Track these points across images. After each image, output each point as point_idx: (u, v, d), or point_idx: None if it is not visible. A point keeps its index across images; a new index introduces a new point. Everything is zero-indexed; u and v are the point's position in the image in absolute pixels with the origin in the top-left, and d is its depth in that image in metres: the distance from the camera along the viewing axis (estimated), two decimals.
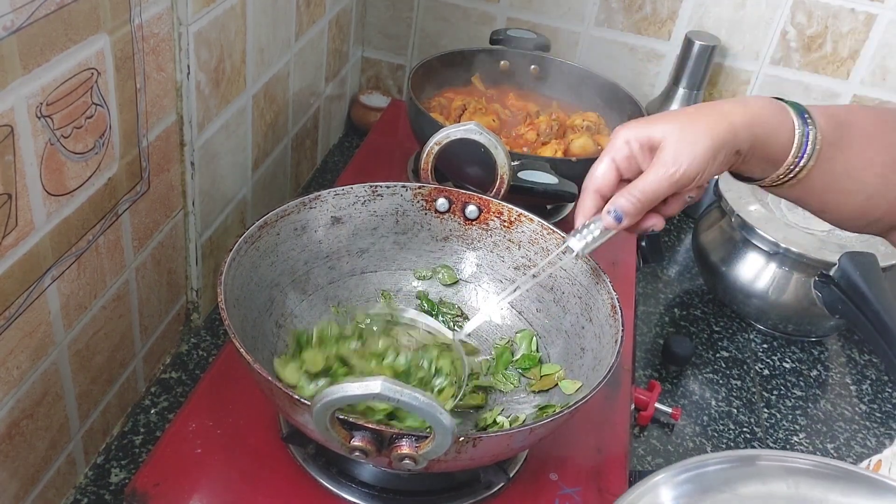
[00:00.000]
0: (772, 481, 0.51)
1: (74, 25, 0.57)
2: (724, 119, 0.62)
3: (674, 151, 0.62)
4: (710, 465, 0.51)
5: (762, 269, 1.05)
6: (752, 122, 0.63)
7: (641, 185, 0.64)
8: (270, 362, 0.74)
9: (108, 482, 0.76)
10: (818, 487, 0.50)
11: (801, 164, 0.64)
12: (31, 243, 0.58)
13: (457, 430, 0.55)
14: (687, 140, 0.62)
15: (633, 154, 0.65)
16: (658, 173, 0.63)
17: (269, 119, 1.00)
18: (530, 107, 1.14)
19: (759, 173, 0.67)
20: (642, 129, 0.64)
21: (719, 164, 0.63)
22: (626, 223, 0.65)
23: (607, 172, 0.66)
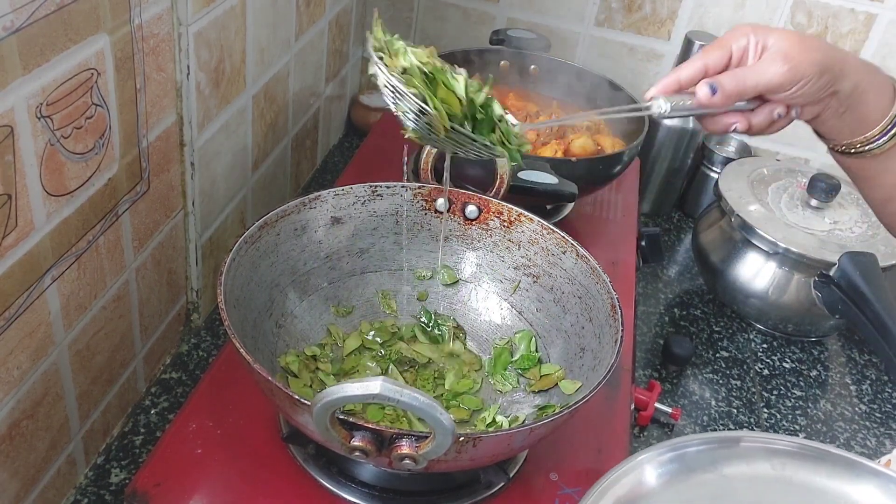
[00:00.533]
0: (756, 462, 0.51)
1: (74, 25, 0.57)
2: (839, 51, 0.64)
3: (786, 50, 0.63)
4: (693, 445, 0.51)
5: (762, 269, 1.05)
6: (860, 68, 0.64)
7: (745, 71, 0.64)
8: (270, 362, 0.74)
9: (109, 482, 0.76)
10: (803, 469, 0.51)
11: (893, 131, 0.64)
12: (31, 243, 0.58)
13: (457, 430, 0.55)
14: (802, 46, 0.63)
15: (747, 47, 0.65)
16: (764, 63, 0.63)
17: (269, 119, 1.00)
18: (530, 107, 1.14)
19: (849, 133, 0.66)
20: (762, 30, 0.65)
21: (821, 85, 0.62)
22: (718, 99, 0.64)
23: (723, 55, 0.65)
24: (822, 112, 0.65)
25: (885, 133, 0.64)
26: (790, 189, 1.11)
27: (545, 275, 0.81)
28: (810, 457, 0.51)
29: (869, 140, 0.65)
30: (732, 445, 0.52)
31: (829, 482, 0.50)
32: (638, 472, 0.49)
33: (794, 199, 1.09)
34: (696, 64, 0.65)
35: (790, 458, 0.51)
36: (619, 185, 1.17)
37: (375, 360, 0.79)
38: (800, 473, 0.51)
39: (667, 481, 0.50)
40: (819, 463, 0.51)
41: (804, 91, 0.62)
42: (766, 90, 0.63)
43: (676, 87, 0.65)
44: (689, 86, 0.65)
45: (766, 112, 0.66)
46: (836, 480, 0.50)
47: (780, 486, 0.50)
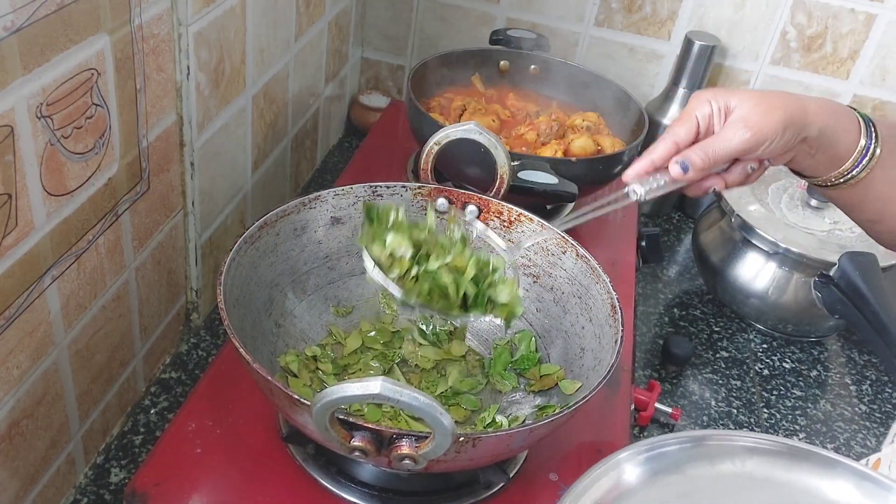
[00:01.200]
0: (720, 461, 0.52)
1: (74, 26, 0.57)
2: (798, 102, 0.66)
3: (747, 115, 0.65)
4: (670, 444, 0.52)
5: (762, 270, 1.05)
6: (823, 112, 0.66)
7: (712, 143, 0.67)
8: (270, 362, 0.74)
9: (108, 482, 0.76)
10: (765, 465, 0.51)
11: (865, 161, 0.67)
12: (31, 243, 0.58)
13: (457, 429, 0.55)
14: (761, 108, 0.65)
15: (711, 114, 0.68)
16: (729, 133, 0.66)
17: (268, 119, 1.00)
18: (530, 107, 1.14)
19: (824, 171, 0.69)
20: (721, 94, 0.68)
21: (786, 140, 0.65)
22: (691, 175, 0.67)
23: (691, 128, 0.68)
24: (796, 157, 0.68)
25: (858, 164, 0.67)
26: (790, 189, 1.11)
27: (545, 275, 0.81)
28: (787, 454, 0.52)
29: (844, 173, 0.68)
30: (707, 444, 0.52)
31: (787, 475, 0.51)
32: (616, 472, 0.50)
33: (794, 199, 1.09)
34: (667, 143, 0.68)
35: (752, 454, 0.52)
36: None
37: (377, 360, 0.79)
38: (761, 468, 0.51)
39: (645, 480, 0.50)
40: (778, 458, 0.52)
41: (771, 149, 0.66)
42: (734, 156, 0.67)
43: (651, 169, 0.69)
44: (663, 164, 0.68)
45: (739, 169, 0.69)
46: (795, 473, 0.51)
47: (756, 484, 0.51)
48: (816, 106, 0.66)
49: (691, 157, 0.66)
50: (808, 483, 0.51)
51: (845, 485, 0.50)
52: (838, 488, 0.50)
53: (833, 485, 0.51)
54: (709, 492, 0.50)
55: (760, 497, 0.50)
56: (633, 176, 0.69)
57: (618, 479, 0.50)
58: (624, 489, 0.49)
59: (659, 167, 0.69)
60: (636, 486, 0.50)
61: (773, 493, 0.50)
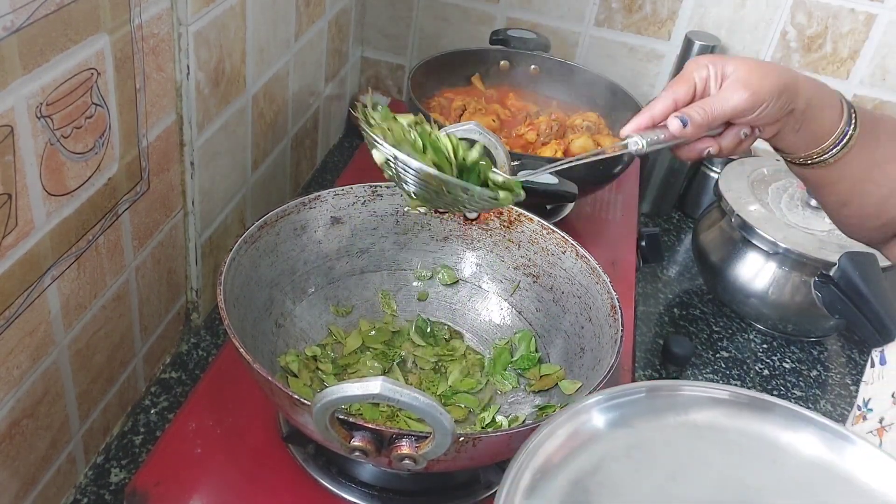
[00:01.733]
0: (669, 413, 0.52)
1: (74, 25, 0.57)
2: (791, 72, 0.68)
3: (745, 77, 0.67)
4: (633, 393, 0.52)
5: (762, 269, 1.05)
6: (811, 86, 0.69)
7: (711, 101, 0.68)
8: (270, 362, 0.74)
9: (108, 482, 0.76)
10: (742, 417, 0.52)
11: (845, 140, 0.69)
12: (31, 243, 0.58)
13: (457, 429, 0.55)
14: (759, 72, 0.67)
15: (709, 77, 0.69)
16: (727, 93, 0.67)
17: (268, 119, 1.00)
18: (530, 107, 1.14)
19: (805, 147, 0.71)
20: (719, 59, 0.70)
21: (780, 106, 0.67)
22: (689, 130, 0.68)
23: (689, 88, 0.70)
24: (781, 129, 0.70)
25: (838, 143, 0.69)
26: (790, 189, 1.11)
27: (545, 275, 0.81)
28: (748, 405, 0.52)
29: (824, 151, 0.70)
30: (671, 394, 0.53)
31: (768, 429, 0.51)
32: (576, 422, 0.50)
33: (794, 199, 1.09)
34: (666, 99, 0.70)
35: (730, 406, 0.52)
36: (619, 185, 1.17)
37: (377, 360, 0.79)
38: (738, 421, 0.52)
39: (608, 429, 0.50)
40: (759, 412, 0.52)
41: (766, 113, 0.67)
42: (731, 116, 0.68)
43: (650, 123, 0.70)
44: (661, 120, 0.69)
45: (732, 134, 0.70)
46: (775, 428, 0.52)
47: (692, 432, 0.51)
48: (806, 80, 0.69)
49: (691, 113, 0.68)
50: (771, 434, 0.51)
51: (810, 437, 0.51)
52: (803, 440, 0.51)
53: (797, 437, 0.51)
54: (672, 442, 0.50)
55: (722, 448, 0.50)
56: (633, 129, 0.70)
57: (580, 427, 0.50)
58: (585, 438, 0.49)
59: (657, 123, 0.70)
60: (598, 434, 0.50)
61: (727, 443, 0.51)
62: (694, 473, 0.49)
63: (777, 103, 0.67)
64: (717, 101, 0.68)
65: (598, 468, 0.48)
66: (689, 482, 0.48)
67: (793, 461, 0.50)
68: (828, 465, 0.49)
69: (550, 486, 0.46)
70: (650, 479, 0.48)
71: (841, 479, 0.49)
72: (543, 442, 0.48)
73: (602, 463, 0.48)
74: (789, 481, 0.49)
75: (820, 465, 0.50)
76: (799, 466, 0.50)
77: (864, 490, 0.48)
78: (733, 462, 0.49)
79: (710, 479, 0.48)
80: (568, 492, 0.46)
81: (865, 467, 0.49)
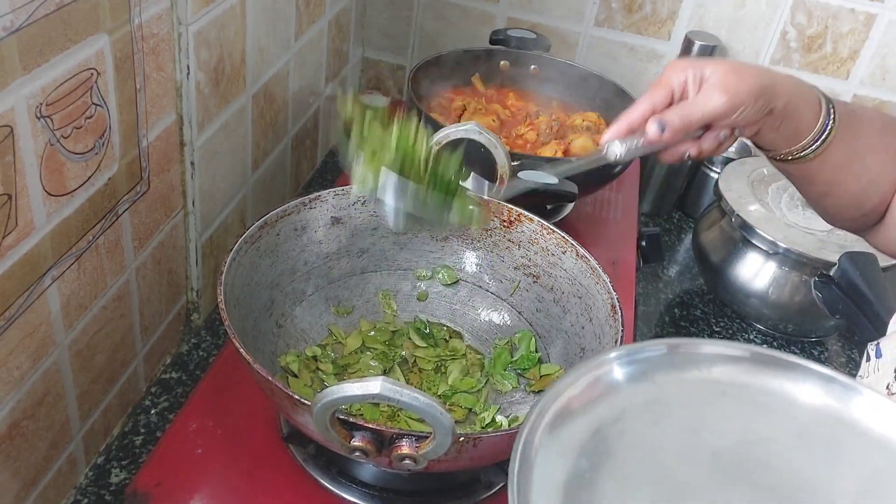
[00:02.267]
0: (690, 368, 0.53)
1: (74, 25, 0.57)
2: (768, 73, 0.68)
3: (723, 80, 0.67)
4: (648, 350, 0.53)
5: (762, 269, 1.05)
6: (789, 86, 0.69)
7: (689, 105, 0.68)
8: (270, 362, 0.74)
9: (109, 482, 0.76)
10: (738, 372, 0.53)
11: (825, 136, 0.69)
12: (31, 243, 0.58)
13: (457, 429, 0.55)
14: (736, 75, 0.67)
15: (687, 81, 0.70)
16: (705, 97, 0.68)
17: (268, 119, 1.00)
18: (530, 107, 1.14)
19: (785, 144, 0.71)
20: (696, 63, 0.70)
21: (758, 108, 0.67)
22: (667, 135, 0.68)
23: (666, 94, 0.70)
24: (761, 129, 0.70)
25: (818, 139, 0.70)
26: (790, 189, 1.11)
27: (545, 275, 0.81)
28: (744, 359, 0.54)
29: (804, 147, 0.70)
30: (685, 351, 0.54)
31: (783, 385, 0.53)
32: (597, 373, 0.51)
33: (794, 199, 1.09)
34: (643, 105, 0.70)
35: (723, 361, 0.54)
36: (619, 185, 1.17)
37: (377, 360, 0.79)
38: (734, 375, 0.53)
39: (628, 383, 0.51)
40: (763, 366, 0.53)
41: (744, 115, 0.67)
42: (710, 120, 0.68)
43: (628, 130, 0.70)
44: (639, 126, 0.70)
45: (712, 137, 0.70)
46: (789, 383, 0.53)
47: (714, 388, 0.52)
48: (784, 79, 0.69)
49: (669, 118, 0.68)
50: (786, 389, 0.52)
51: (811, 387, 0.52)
52: (804, 390, 0.52)
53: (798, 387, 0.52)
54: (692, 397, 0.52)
55: (740, 403, 0.52)
56: (612, 136, 0.70)
57: (601, 378, 0.51)
58: (606, 389, 0.51)
59: (635, 129, 0.70)
60: (618, 387, 0.51)
61: (744, 398, 0.52)
62: (713, 427, 0.50)
63: (755, 105, 0.67)
64: (695, 106, 0.68)
65: (619, 419, 0.49)
66: (709, 435, 0.49)
67: (805, 413, 0.51)
68: (838, 415, 0.51)
69: (571, 430, 0.48)
70: (670, 431, 0.49)
71: (851, 427, 0.50)
72: (565, 389, 0.49)
73: (623, 414, 0.49)
74: (803, 433, 0.50)
75: (832, 415, 0.51)
76: (813, 419, 0.51)
77: (873, 437, 0.50)
78: (750, 416, 0.51)
79: (729, 433, 0.50)
80: (589, 437, 0.48)
81: (874, 416, 0.50)
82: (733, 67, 0.68)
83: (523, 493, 0.43)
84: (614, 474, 0.46)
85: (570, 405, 0.49)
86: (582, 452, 0.47)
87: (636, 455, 0.48)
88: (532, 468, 0.45)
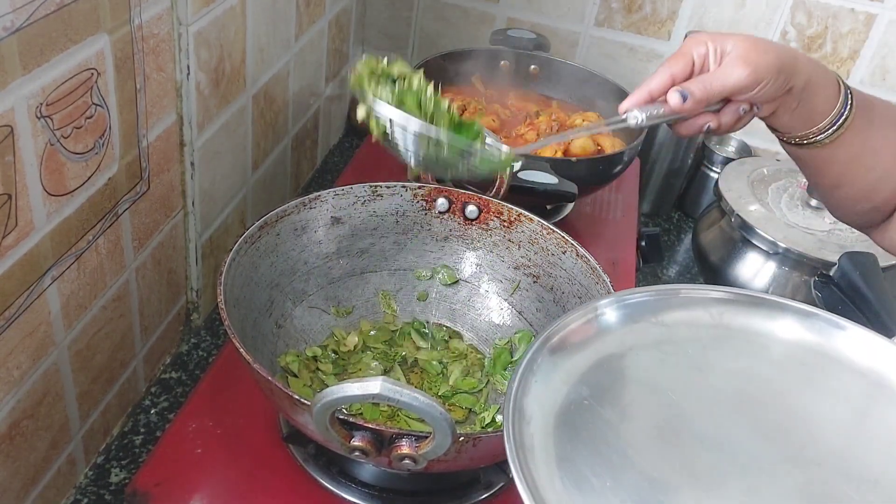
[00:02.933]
0: (695, 310, 0.55)
1: (74, 25, 0.57)
2: (790, 50, 0.68)
3: (745, 54, 0.67)
4: (637, 296, 0.55)
5: (762, 269, 1.05)
6: (810, 65, 0.69)
7: (711, 76, 0.68)
8: (270, 362, 0.74)
9: (109, 482, 0.76)
10: (740, 315, 0.55)
11: (841, 121, 0.69)
12: (31, 243, 0.58)
13: (457, 429, 0.55)
14: (758, 49, 0.67)
15: (707, 54, 0.69)
16: (727, 69, 0.67)
17: (268, 119, 1.00)
18: (530, 107, 1.14)
19: (801, 126, 0.71)
20: (718, 36, 0.69)
21: (780, 83, 0.67)
22: (688, 105, 0.68)
23: (686, 64, 0.70)
24: (779, 108, 0.70)
25: (834, 124, 0.69)
26: (790, 189, 1.11)
27: (545, 275, 0.81)
28: (747, 303, 0.56)
29: (819, 131, 0.70)
30: (672, 296, 0.56)
31: (766, 323, 0.55)
32: (586, 320, 0.54)
33: (794, 199, 1.09)
34: (663, 75, 0.70)
35: (726, 305, 0.56)
36: (619, 185, 1.17)
37: (378, 360, 0.79)
38: (737, 318, 0.55)
39: (614, 327, 0.54)
40: (756, 308, 0.55)
41: (765, 90, 0.67)
42: (731, 93, 0.68)
43: (648, 99, 0.70)
44: (659, 95, 0.70)
45: (731, 111, 0.70)
46: (774, 322, 0.55)
47: (718, 331, 0.55)
48: (805, 58, 0.69)
49: (691, 88, 0.68)
50: (774, 329, 0.55)
51: (795, 325, 0.55)
52: (797, 330, 0.55)
53: (794, 328, 0.55)
54: (675, 339, 0.54)
55: (729, 342, 0.54)
56: (632, 104, 0.70)
57: (595, 321, 0.54)
58: (600, 330, 0.53)
59: (655, 98, 0.70)
60: (611, 328, 0.54)
61: (742, 339, 0.54)
62: (714, 365, 0.52)
63: (776, 81, 0.66)
64: (717, 77, 0.67)
65: (624, 355, 0.51)
66: (711, 372, 0.51)
67: (798, 351, 0.54)
68: (825, 350, 0.54)
69: (574, 359, 0.50)
70: (672, 368, 0.51)
71: (839, 361, 0.53)
72: (571, 322, 0.52)
73: (628, 351, 0.52)
74: (798, 369, 0.53)
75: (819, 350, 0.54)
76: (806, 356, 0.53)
77: (860, 369, 0.52)
78: (751, 356, 0.53)
79: (729, 372, 0.52)
80: (591, 368, 0.50)
81: (861, 350, 0.53)
82: (756, 42, 0.68)
83: (519, 410, 0.44)
84: (614, 403, 0.48)
85: (573, 337, 0.51)
86: (582, 380, 0.49)
87: (636, 387, 0.50)
88: (530, 387, 0.47)
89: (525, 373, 0.47)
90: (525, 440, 0.44)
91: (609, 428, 0.46)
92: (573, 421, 0.46)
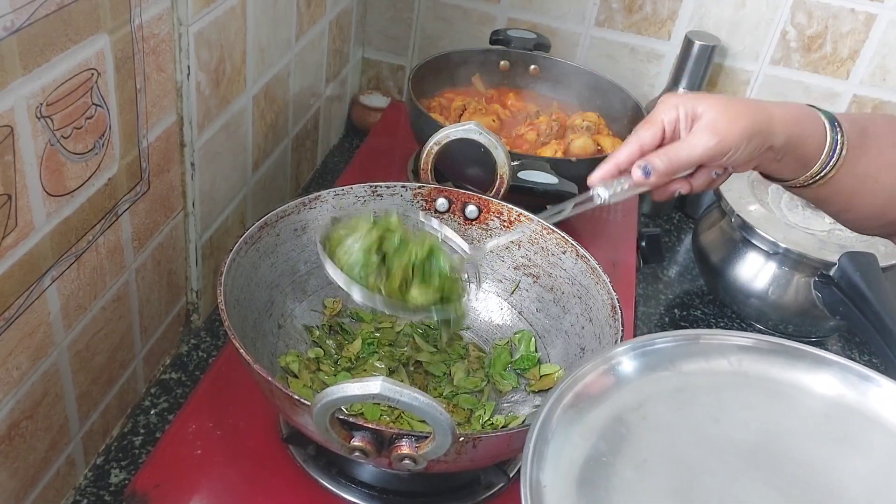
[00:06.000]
0: (714, 358, 0.54)
1: (74, 26, 0.57)
2: (764, 111, 0.66)
3: (713, 122, 0.65)
4: (657, 343, 0.54)
5: (762, 270, 1.05)
6: (789, 121, 0.66)
7: (676, 149, 0.66)
8: (271, 363, 0.74)
9: (108, 483, 0.76)
10: (761, 363, 0.54)
11: (832, 163, 0.67)
12: (30, 244, 0.58)
13: (457, 430, 0.55)
14: (728, 116, 0.65)
15: (678, 119, 0.67)
16: (694, 139, 0.65)
17: (269, 120, 1.00)
18: (530, 107, 1.14)
19: (791, 174, 0.70)
20: (689, 100, 0.67)
21: (752, 149, 0.65)
22: (653, 180, 0.67)
23: (656, 132, 0.68)
24: (761, 163, 0.68)
25: (826, 166, 0.68)
26: None
27: (545, 275, 0.81)
28: (768, 351, 0.54)
29: (813, 175, 0.69)
30: (693, 342, 0.55)
31: (784, 373, 0.53)
32: (603, 370, 0.52)
33: (795, 200, 1.09)
34: (632, 146, 0.68)
35: (747, 352, 0.54)
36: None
37: (381, 361, 0.79)
38: (757, 366, 0.54)
39: (631, 377, 0.52)
40: (776, 356, 0.54)
41: (736, 156, 0.65)
42: (698, 163, 0.66)
43: (616, 172, 0.68)
44: (627, 167, 0.68)
45: (704, 174, 0.69)
46: (792, 371, 0.54)
47: (738, 380, 0.53)
48: (782, 114, 0.66)
49: (654, 162, 0.66)
50: (796, 378, 0.53)
51: (831, 378, 0.53)
52: (823, 382, 0.53)
53: (818, 378, 0.53)
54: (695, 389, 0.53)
55: (749, 392, 0.53)
56: (598, 179, 0.69)
57: (611, 371, 0.52)
58: (617, 381, 0.52)
59: (623, 171, 0.68)
60: (629, 378, 0.52)
61: (762, 389, 0.53)
62: (733, 417, 0.51)
63: (748, 147, 0.65)
64: (683, 149, 0.66)
65: (641, 406, 0.50)
66: (729, 423, 0.50)
67: (822, 404, 0.52)
68: (855, 406, 0.52)
69: (592, 414, 0.49)
70: (690, 419, 0.50)
71: (867, 418, 0.51)
72: (585, 374, 0.50)
73: (645, 402, 0.50)
74: (821, 424, 0.51)
75: (848, 406, 0.52)
76: (830, 409, 0.52)
77: (891, 428, 0.50)
78: (769, 406, 0.52)
79: (748, 422, 0.50)
80: (609, 423, 0.48)
81: (891, 407, 0.51)
82: (726, 108, 0.65)
83: (537, 470, 0.44)
84: (632, 458, 0.47)
85: (589, 390, 0.50)
86: (601, 436, 0.48)
87: (654, 439, 0.49)
88: (548, 446, 0.46)
89: (541, 432, 0.46)
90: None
91: (627, 488, 0.45)
92: (592, 479, 0.45)
